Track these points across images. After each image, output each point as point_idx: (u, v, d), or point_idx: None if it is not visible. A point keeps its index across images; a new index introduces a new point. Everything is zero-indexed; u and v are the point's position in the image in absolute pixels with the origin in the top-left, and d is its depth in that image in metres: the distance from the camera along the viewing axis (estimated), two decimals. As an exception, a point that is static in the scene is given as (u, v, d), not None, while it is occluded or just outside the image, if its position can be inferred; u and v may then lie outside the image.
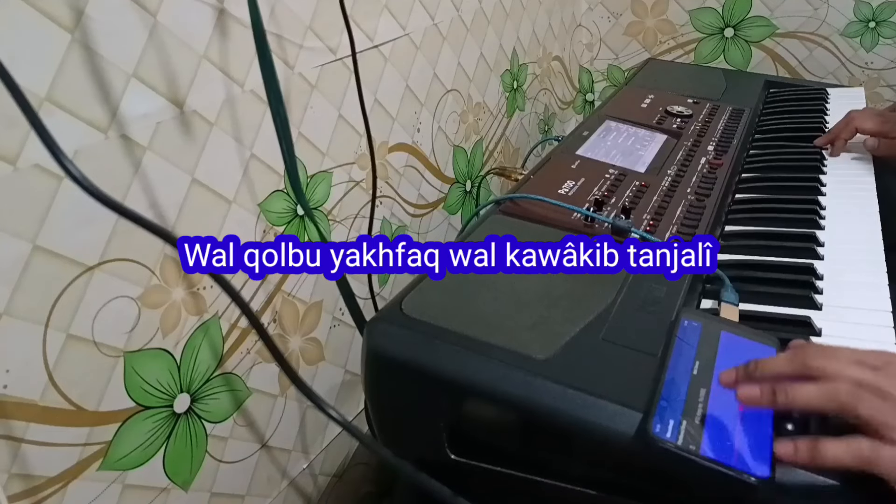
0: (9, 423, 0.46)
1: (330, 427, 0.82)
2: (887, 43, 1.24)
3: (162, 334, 0.57)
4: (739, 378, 0.45)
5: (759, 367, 0.45)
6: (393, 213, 0.88)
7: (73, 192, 0.38)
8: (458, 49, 0.97)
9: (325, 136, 0.73)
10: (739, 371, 0.45)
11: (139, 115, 0.52)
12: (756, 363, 0.45)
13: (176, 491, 0.60)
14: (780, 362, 0.44)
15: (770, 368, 0.44)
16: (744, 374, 0.45)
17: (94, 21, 0.47)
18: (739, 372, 0.45)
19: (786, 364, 0.44)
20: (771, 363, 0.45)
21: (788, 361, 0.44)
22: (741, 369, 0.45)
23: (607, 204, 0.71)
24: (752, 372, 0.45)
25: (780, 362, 0.44)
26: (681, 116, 0.96)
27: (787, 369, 0.44)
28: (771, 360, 0.45)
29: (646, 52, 1.44)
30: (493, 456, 0.52)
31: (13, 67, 0.35)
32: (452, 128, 0.99)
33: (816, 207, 0.73)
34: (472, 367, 0.50)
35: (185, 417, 0.60)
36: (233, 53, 0.59)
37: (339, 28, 0.70)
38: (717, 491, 0.41)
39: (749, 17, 1.31)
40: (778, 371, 0.44)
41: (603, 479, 0.48)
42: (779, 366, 0.44)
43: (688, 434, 0.43)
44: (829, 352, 0.44)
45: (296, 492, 0.78)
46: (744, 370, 0.45)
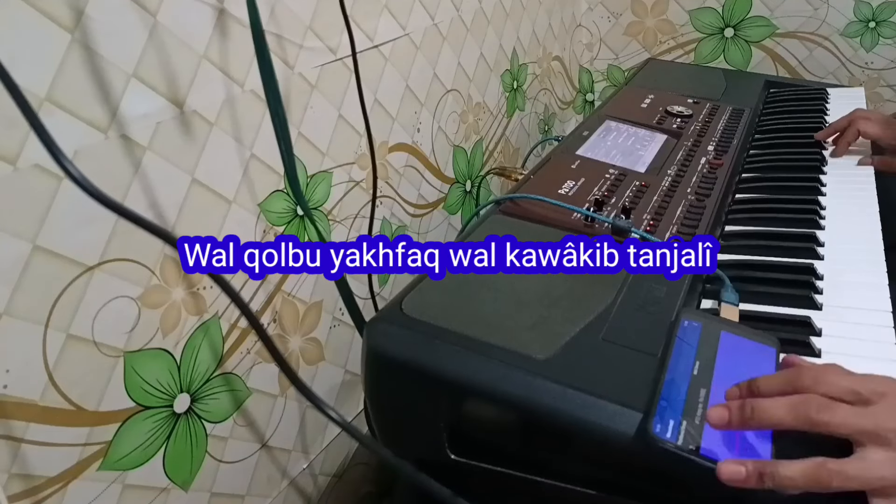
0: (9, 423, 0.46)
1: (330, 427, 0.81)
2: (887, 43, 1.24)
3: (162, 334, 0.57)
4: (733, 422, 0.43)
5: (755, 412, 0.42)
6: (393, 213, 0.87)
7: (73, 192, 0.38)
8: (458, 49, 0.97)
9: (325, 136, 0.73)
10: (734, 413, 0.43)
11: (139, 115, 0.52)
12: (752, 405, 0.42)
13: (176, 491, 0.60)
14: (781, 410, 0.42)
15: (768, 417, 0.42)
16: (738, 419, 0.43)
17: (94, 21, 0.47)
18: (734, 415, 0.43)
19: (787, 413, 0.42)
20: (771, 410, 0.42)
21: (790, 410, 0.42)
22: (736, 412, 0.43)
23: (607, 204, 0.71)
24: (748, 418, 0.42)
25: (780, 410, 0.42)
26: (681, 116, 0.96)
27: (787, 420, 0.41)
28: (771, 407, 0.42)
29: (646, 52, 1.44)
30: (494, 456, 0.52)
31: (13, 67, 0.35)
32: (452, 128, 0.99)
33: (816, 207, 0.73)
34: (472, 367, 0.50)
35: (185, 417, 0.60)
36: (233, 53, 0.59)
37: (339, 28, 0.70)
38: (717, 491, 0.41)
39: (749, 17, 1.31)
40: (776, 418, 0.42)
41: (603, 479, 0.48)
42: (779, 414, 0.42)
43: (688, 434, 0.43)
44: (823, 373, 0.43)
45: (296, 492, 0.78)
46: (739, 414, 0.43)
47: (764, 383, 0.44)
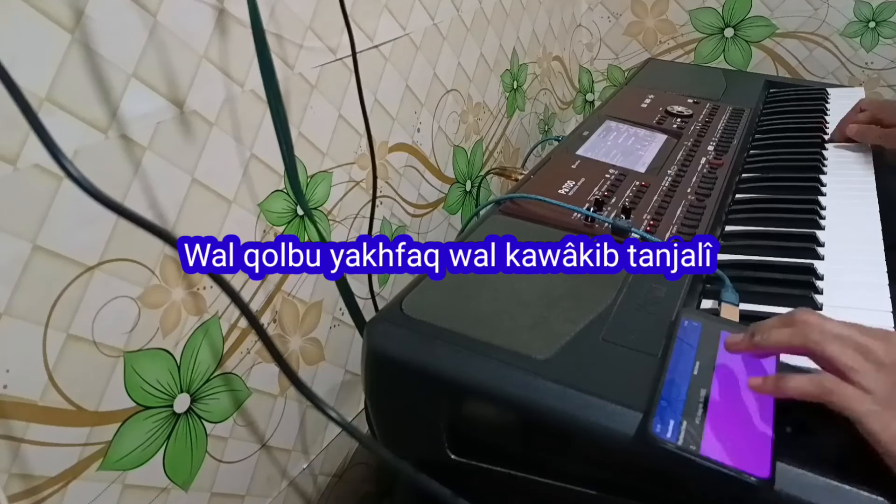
0: (9, 423, 0.46)
1: (330, 427, 0.82)
2: (887, 43, 1.24)
3: (162, 334, 0.57)
4: (742, 345, 0.48)
5: (762, 332, 0.47)
6: (393, 213, 0.88)
7: (73, 192, 0.38)
8: (458, 49, 0.97)
9: (325, 136, 0.73)
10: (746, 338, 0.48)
11: (139, 115, 0.52)
12: (759, 330, 0.47)
13: (176, 491, 0.60)
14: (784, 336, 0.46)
15: (775, 339, 0.46)
16: (748, 342, 0.47)
17: (94, 21, 0.47)
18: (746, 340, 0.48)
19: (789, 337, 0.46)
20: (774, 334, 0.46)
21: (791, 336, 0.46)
22: (747, 338, 0.48)
23: (607, 204, 0.71)
24: (758, 342, 0.47)
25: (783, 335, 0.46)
26: (681, 116, 0.96)
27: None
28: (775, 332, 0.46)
29: (646, 52, 1.44)
30: (494, 456, 0.52)
31: (13, 67, 0.35)
32: (452, 128, 0.99)
33: (816, 207, 0.73)
34: (472, 368, 0.50)
35: (185, 417, 0.60)
36: (233, 53, 0.59)
37: (339, 28, 0.70)
38: (717, 491, 0.41)
39: (749, 17, 1.31)
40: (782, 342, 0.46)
41: (603, 479, 0.48)
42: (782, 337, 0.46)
43: (688, 434, 0.43)
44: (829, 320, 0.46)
45: (296, 492, 0.78)
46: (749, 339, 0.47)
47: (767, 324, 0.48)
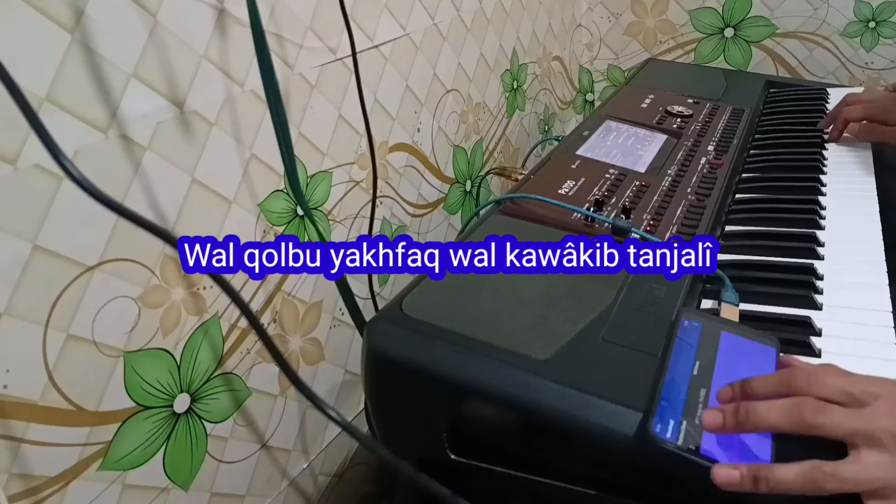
0: (9, 423, 0.46)
1: (330, 427, 0.81)
2: (887, 43, 1.24)
3: (162, 334, 0.57)
4: (728, 425, 0.42)
5: (749, 414, 0.42)
6: (393, 213, 0.87)
7: (73, 192, 0.38)
8: (458, 49, 0.97)
9: (325, 136, 0.73)
10: (728, 417, 0.42)
11: (139, 115, 0.52)
12: (746, 408, 0.42)
13: (176, 491, 0.60)
14: (774, 413, 0.42)
15: (763, 418, 0.41)
16: (733, 422, 0.42)
17: (94, 21, 0.47)
18: (728, 418, 0.42)
19: (780, 417, 0.41)
20: (764, 412, 0.42)
21: (784, 415, 0.42)
22: (730, 415, 0.42)
23: (607, 204, 0.71)
24: (742, 421, 0.42)
25: (773, 413, 0.42)
26: (681, 116, 0.96)
27: (782, 423, 0.41)
28: (764, 410, 0.42)
29: (646, 52, 1.44)
30: (494, 456, 0.52)
31: (13, 67, 0.35)
32: (452, 128, 0.99)
33: (816, 207, 0.73)
34: (472, 367, 0.50)
35: (185, 417, 0.60)
36: (233, 53, 0.59)
37: (339, 28, 0.70)
38: (717, 491, 0.41)
39: (749, 17, 1.31)
40: (770, 421, 0.41)
41: (603, 478, 0.48)
42: (772, 417, 0.42)
43: (688, 434, 0.43)
44: (817, 375, 0.43)
45: (296, 492, 0.78)
46: (733, 417, 0.42)
47: (757, 384, 0.44)
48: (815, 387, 0.42)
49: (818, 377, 0.42)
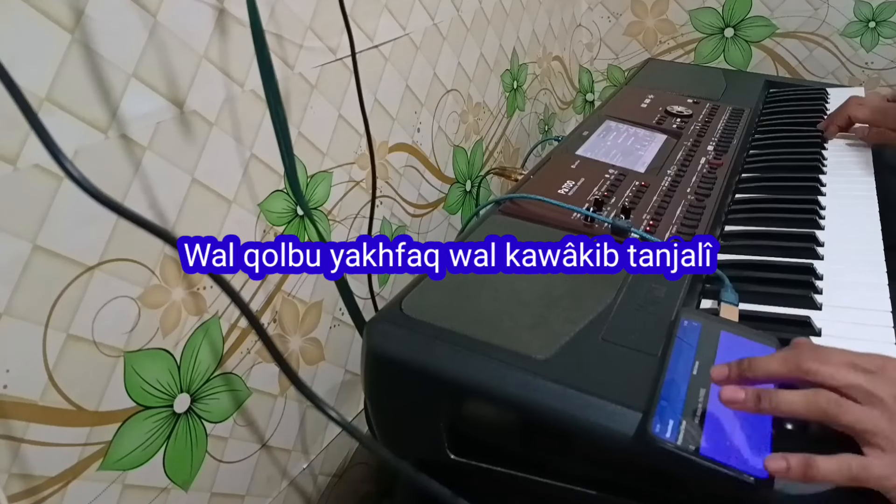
0: (9, 423, 0.46)
1: (330, 427, 0.82)
2: (887, 43, 1.24)
3: (162, 334, 0.57)
4: (732, 376, 0.44)
5: (752, 365, 0.44)
6: (393, 213, 0.88)
7: (73, 192, 0.38)
8: (458, 49, 0.97)
9: (325, 136, 0.73)
10: (732, 368, 0.44)
11: (139, 115, 0.52)
12: (750, 361, 0.44)
13: (176, 491, 0.60)
14: (775, 362, 0.44)
15: (763, 368, 0.43)
16: (736, 372, 0.44)
17: (94, 21, 0.47)
18: (732, 369, 0.44)
19: (780, 365, 0.43)
20: (765, 362, 0.44)
21: (783, 362, 0.43)
22: (734, 366, 0.44)
23: (607, 204, 0.71)
24: (744, 370, 0.44)
25: (774, 362, 0.44)
26: (681, 116, 0.96)
27: (780, 370, 0.43)
28: (765, 359, 0.44)
29: (646, 52, 1.44)
30: (494, 456, 0.52)
31: (13, 67, 0.35)
32: (452, 128, 0.99)
33: (816, 207, 0.73)
34: (472, 367, 0.50)
35: (185, 417, 0.60)
36: (233, 53, 0.59)
37: (339, 28, 0.70)
38: (717, 491, 0.41)
39: (749, 17, 1.31)
40: (771, 371, 0.43)
41: (603, 479, 0.48)
42: (773, 366, 0.43)
43: (687, 434, 0.43)
44: (824, 354, 0.43)
45: (296, 492, 0.78)
46: (737, 368, 0.44)
47: (757, 364, 0.44)
48: (825, 364, 0.42)
49: (826, 361, 0.43)
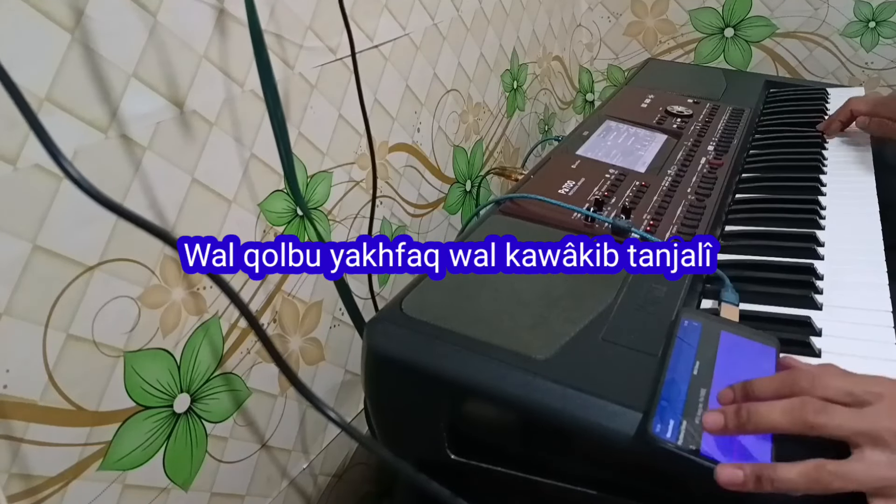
0: (9, 423, 0.46)
1: (330, 427, 0.81)
2: (887, 43, 1.24)
3: (162, 334, 0.57)
4: (730, 426, 0.42)
5: (750, 415, 0.42)
6: (393, 213, 0.87)
7: (73, 193, 0.38)
8: (458, 49, 0.97)
9: (325, 136, 0.73)
10: (729, 418, 0.42)
11: (139, 115, 0.52)
12: (747, 409, 0.42)
13: (176, 491, 0.60)
14: (777, 413, 0.42)
15: (766, 421, 0.41)
16: (735, 423, 0.42)
17: (94, 21, 0.47)
18: (730, 419, 0.42)
19: (781, 415, 0.41)
20: (766, 412, 0.42)
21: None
22: (731, 417, 0.42)
23: (607, 204, 0.71)
24: (744, 423, 0.42)
25: (776, 413, 0.42)
26: (681, 116, 0.96)
27: (783, 422, 0.41)
28: (766, 410, 0.42)
29: (646, 52, 1.44)
30: (494, 456, 0.52)
31: (13, 67, 0.35)
32: (452, 128, 0.99)
33: (816, 207, 0.73)
34: (472, 367, 0.50)
35: (185, 417, 0.60)
36: (233, 53, 0.59)
37: (339, 28, 0.70)
38: (717, 491, 0.41)
39: (749, 17, 1.31)
40: (772, 422, 0.41)
41: (603, 479, 0.48)
42: (775, 416, 0.41)
43: (688, 434, 0.43)
44: (819, 376, 0.43)
45: (296, 492, 0.78)
46: (735, 419, 0.42)
47: (759, 385, 0.44)
48: (817, 387, 0.42)
49: (820, 378, 0.42)
